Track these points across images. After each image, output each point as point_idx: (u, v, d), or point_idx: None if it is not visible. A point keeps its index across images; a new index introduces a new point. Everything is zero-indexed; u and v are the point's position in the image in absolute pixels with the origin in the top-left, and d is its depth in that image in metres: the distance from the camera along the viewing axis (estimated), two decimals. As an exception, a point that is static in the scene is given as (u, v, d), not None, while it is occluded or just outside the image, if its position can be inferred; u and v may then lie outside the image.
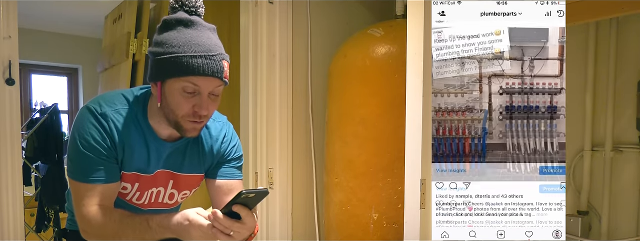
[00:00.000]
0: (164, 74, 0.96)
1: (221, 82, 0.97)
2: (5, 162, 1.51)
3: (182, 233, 0.91)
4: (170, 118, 0.99)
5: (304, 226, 2.04)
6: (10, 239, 1.52)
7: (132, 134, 1.02)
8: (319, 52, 2.05)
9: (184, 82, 0.94)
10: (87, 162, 0.98)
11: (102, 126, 0.98)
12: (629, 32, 1.81)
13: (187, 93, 0.95)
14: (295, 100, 1.99)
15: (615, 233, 1.87)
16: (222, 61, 0.96)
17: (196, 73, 0.92)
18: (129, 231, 0.95)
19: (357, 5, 2.18)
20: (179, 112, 0.96)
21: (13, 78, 1.50)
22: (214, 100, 0.99)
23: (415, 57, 1.25)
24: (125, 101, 1.04)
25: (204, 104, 0.96)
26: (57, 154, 2.63)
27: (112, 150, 1.00)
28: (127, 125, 1.01)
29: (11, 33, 1.50)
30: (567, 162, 1.95)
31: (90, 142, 0.97)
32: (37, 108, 2.79)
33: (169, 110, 0.98)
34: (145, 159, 1.04)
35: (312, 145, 2.04)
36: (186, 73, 0.93)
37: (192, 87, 0.94)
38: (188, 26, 0.95)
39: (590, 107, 1.89)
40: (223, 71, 0.96)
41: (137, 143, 1.03)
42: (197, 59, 0.92)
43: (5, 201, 1.52)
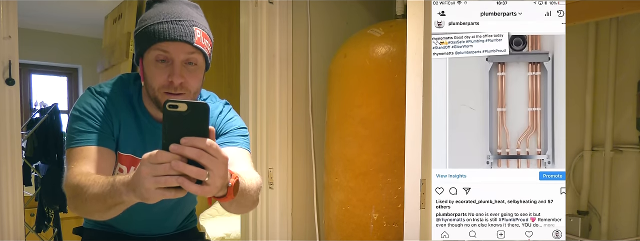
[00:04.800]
0: (138, 47, 0.96)
1: (193, 49, 0.93)
2: (5, 162, 1.51)
3: (134, 180, 0.66)
4: (151, 95, 0.97)
5: (304, 226, 2.04)
6: (10, 239, 1.52)
7: (128, 114, 1.02)
8: (319, 52, 2.05)
9: (154, 51, 0.93)
10: (79, 126, 0.96)
11: (99, 100, 1.00)
12: (629, 32, 1.81)
13: (160, 62, 0.93)
14: (295, 100, 1.99)
15: (615, 233, 1.87)
16: (192, 27, 0.93)
17: (162, 38, 0.91)
18: (97, 189, 0.78)
19: (357, 5, 2.18)
20: (154, 84, 0.95)
21: (13, 78, 1.50)
22: (191, 71, 0.95)
23: (415, 57, 1.25)
24: (124, 84, 1.05)
25: (177, 71, 0.93)
26: (57, 154, 2.63)
27: (107, 121, 0.99)
28: (123, 106, 1.02)
29: (11, 33, 1.50)
30: (567, 162, 1.95)
31: (86, 108, 0.98)
32: (37, 108, 2.79)
33: (148, 85, 0.97)
34: (140, 141, 1.04)
35: (312, 145, 2.04)
36: (153, 40, 0.92)
37: (162, 55, 0.93)
38: (163, 1, 0.97)
39: (590, 107, 1.89)
40: (193, 36, 0.93)
41: (133, 124, 1.03)
42: (163, 25, 0.92)
43: (5, 201, 1.52)
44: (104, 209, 0.77)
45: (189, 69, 0.95)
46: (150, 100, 0.99)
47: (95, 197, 0.77)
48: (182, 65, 0.94)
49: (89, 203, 0.79)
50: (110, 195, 0.73)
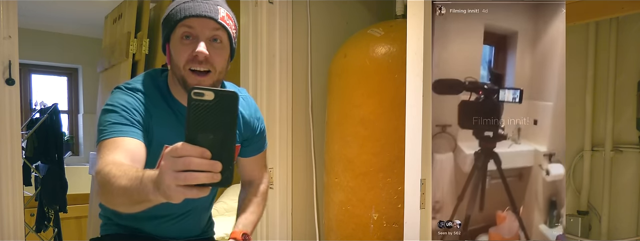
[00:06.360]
0: (165, 30, 0.98)
1: (218, 25, 0.95)
2: (5, 162, 1.51)
3: (159, 176, 0.61)
4: (177, 76, 0.97)
5: (304, 226, 2.04)
6: (10, 239, 1.52)
7: (162, 107, 1.02)
8: (319, 52, 2.05)
9: (180, 28, 0.95)
10: (111, 118, 0.93)
11: (131, 95, 0.99)
12: (629, 32, 1.81)
13: (185, 39, 0.95)
14: (295, 100, 1.99)
15: (615, 233, 1.87)
16: (217, 6, 0.96)
17: (188, 13, 0.93)
18: (125, 182, 0.73)
19: (357, 5, 2.18)
20: (180, 61, 0.95)
21: (13, 78, 1.50)
22: (217, 48, 0.97)
23: (415, 57, 1.25)
24: (152, 78, 1.05)
25: (201, 45, 0.94)
26: (57, 154, 2.63)
27: (140, 114, 0.97)
28: (157, 99, 1.02)
29: (11, 33, 1.50)
30: (567, 162, 1.95)
31: (119, 102, 0.96)
32: (37, 108, 2.79)
33: (174, 66, 0.98)
34: (175, 132, 1.01)
35: (312, 145, 2.04)
36: (179, 17, 0.94)
37: (188, 31, 0.94)
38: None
39: (590, 107, 1.89)
40: (218, 13, 0.95)
41: (169, 115, 1.02)
42: (188, 3, 0.95)
43: (5, 201, 1.52)
44: (129, 204, 0.74)
45: (214, 46, 0.96)
46: (178, 82, 0.99)
47: (123, 190, 0.72)
48: (207, 41, 0.95)
49: (115, 195, 0.75)
50: (137, 191, 0.68)
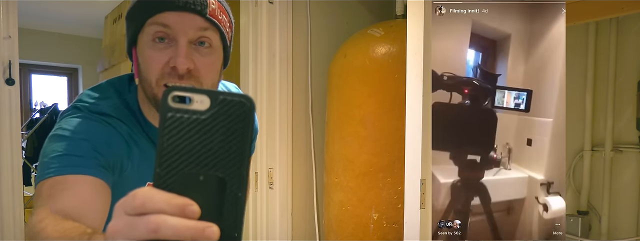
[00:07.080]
0: (130, 29, 0.70)
1: (206, 23, 0.67)
2: (5, 162, 1.51)
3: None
4: (148, 93, 0.69)
5: (304, 226, 2.04)
6: (10, 239, 1.52)
7: (135, 133, 0.75)
8: (319, 52, 2.05)
9: (150, 27, 0.66)
10: (59, 149, 0.64)
11: (92, 118, 0.70)
12: (629, 32, 1.81)
13: (158, 42, 0.66)
14: (295, 100, 1.99)
15: (615, 233, 1.87)
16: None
17: (163, 8, 0.65)
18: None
19: (357, 5, 2.18)
20: (151, 74, 0.67)
21: (13, 78, 1.50)
22: (204, 54, 0.68)
23: (415, 57, 1.25)
24: (117, 91, 0.76)
25: (181, 51, 0.65)
26: (57, 154, 2.63)
27: (101, 141, 0.67)
28: (128, 122, 0.74)
29: (11, 33, 1.50)
30: (567, 162, 1.95)
31: (74, 125, 0.67)
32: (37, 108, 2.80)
33: (143, 80, 0.69)
34: (150, 163, 0.76)
35: (312, 145, 2.04)
36: (149, 11, 0.66)
37: (161, 31, 0.66)
38: None
39: (590, 107, 1.89)
40: (206, 4, 0.66)
41: (143, 145, 0.75)
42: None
43: (5, 201, 1.52)
44: None
45: (200, 52, 0.68)
46: (149, 101, 0.71)
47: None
48: (189, 45, 0.67)
49: None
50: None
